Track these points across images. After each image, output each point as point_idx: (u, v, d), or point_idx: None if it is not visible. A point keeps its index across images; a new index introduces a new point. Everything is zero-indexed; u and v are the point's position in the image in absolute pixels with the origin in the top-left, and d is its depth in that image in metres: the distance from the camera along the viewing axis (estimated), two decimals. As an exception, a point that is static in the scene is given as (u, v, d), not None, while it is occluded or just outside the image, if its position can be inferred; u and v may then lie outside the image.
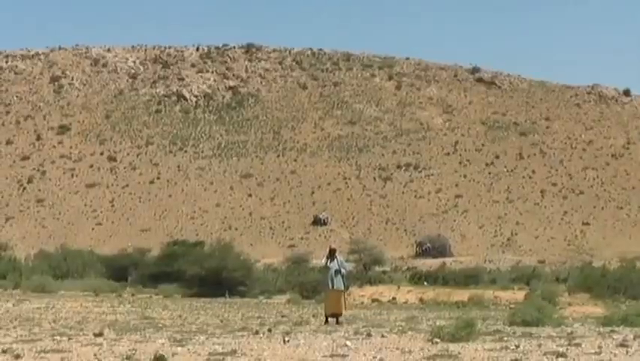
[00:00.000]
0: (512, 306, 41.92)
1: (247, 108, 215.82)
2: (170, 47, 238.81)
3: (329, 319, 32.01)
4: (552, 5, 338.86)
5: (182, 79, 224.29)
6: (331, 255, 33.28)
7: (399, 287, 65.19)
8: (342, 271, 33.04)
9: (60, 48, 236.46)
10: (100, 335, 26.04)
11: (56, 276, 65.01)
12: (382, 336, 26.11)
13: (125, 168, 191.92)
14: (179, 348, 22.35)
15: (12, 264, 71.88)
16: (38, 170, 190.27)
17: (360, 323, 31.82)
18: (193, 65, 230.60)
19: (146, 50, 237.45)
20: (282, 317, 36.26)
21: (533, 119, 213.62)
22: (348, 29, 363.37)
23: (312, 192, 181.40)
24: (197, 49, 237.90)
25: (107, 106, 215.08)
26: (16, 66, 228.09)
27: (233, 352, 21.45)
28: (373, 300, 55.80)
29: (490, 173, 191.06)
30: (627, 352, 21.80)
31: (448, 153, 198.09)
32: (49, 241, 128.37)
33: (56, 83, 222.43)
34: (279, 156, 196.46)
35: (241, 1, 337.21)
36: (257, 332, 27.43)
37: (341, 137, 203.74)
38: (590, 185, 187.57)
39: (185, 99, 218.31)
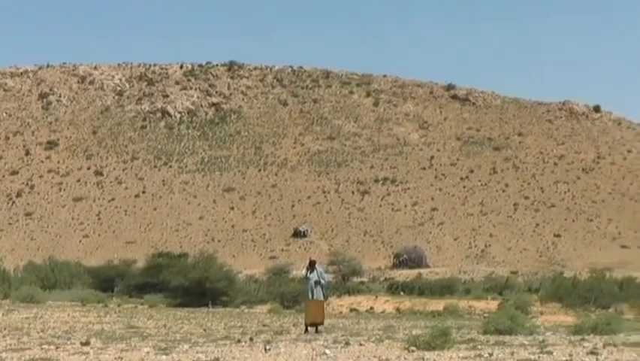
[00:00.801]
0: (486, 315, 41.99)
1: (229, 124, 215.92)
2: (154, 65, 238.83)
3: (309, 328, 32.01)
4: (524, 24, 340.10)
5: (167, 96, 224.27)
6: (311, 266, 33.33)
7: (376, 297, 65.29)
8: (322, 281, 33.08)
9: (48, 66, 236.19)
10: (87, 343, 26.01)
11: (44, 287, 64.82)
12: (360, 345, 26.13)
13: (111, 182, 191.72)
14: (163, 356, 22.35)
15: (1, 275, 71.57)
16: (27, 184, 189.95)
17: (339, 332, 31.83)
18: (177, 83, 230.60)
19: (131, 68, 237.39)
20: (264, 326, 36.25)
21: (506, 134, 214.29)
22: (327, 48, 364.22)
23: (293, 206, 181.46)
24: (181, 66, 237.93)
25: (93, 122, 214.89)
26: (6, 83, 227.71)
27: (216, 360, 21.47)
28: (352, 310, 55.83)
29: (464, 187, 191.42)
30: (597, 359, 21.88)
31: (424, 168, 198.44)
32: (38, 252, 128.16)
33: (44, 100, 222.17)
34: (260, 170, 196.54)
35: (224, 20, 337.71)
36: (239, 341, 27.43)
37: (320, 152, 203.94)
38: (561, 198, 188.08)
39: (170, 115, 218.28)
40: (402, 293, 71.77)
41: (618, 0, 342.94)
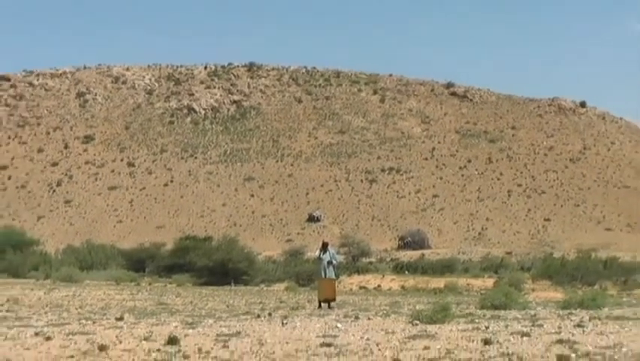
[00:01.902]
0: (483, 292, 41.91)
1: (249, 120, 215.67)
2: (181, 66, 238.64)
3: (322, 304, 32.00)
4: (517, 26, 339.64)
5: (192, 94, 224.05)
6: (324, 248, 33.33)
7: (383, 276, 65.26)
8: (334, 262, 33.08)
9: (85, 67, 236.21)
10: (121, 319, 26.03)
11: (82, 268, 64.87)
12: (369, 319, 26.11)
13: (142, 172, 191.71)
14: (190, 330, 22.35)
15: (43, 257, 71.68)
16: (66, 174, 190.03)
17: (349, 308, 31.81)
18: (202, 82, 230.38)
19: (160, 69, 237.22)
20: (281, 302, 36.22)
21: (501, 128, 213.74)
22: (337, 50, 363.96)
23: (307, 193, 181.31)
24: (206, 67, 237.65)
25: (126, 118, 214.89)
26: (46, 84, 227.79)
27: (238, 333, 21.45)
28: (361, 287, 55.80)
29: (463, 175, 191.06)
30: (583, 331, 21.82)
31: (426, 158, 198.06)
32: (76, 237, 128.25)
33: (81, 99, 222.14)
34: (277, 161, 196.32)
35: (244, 25, 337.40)
36: (258, 316, 27.42)
37: (332, 144, 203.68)
38: (550, 185, 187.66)
39: (195, 112, 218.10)
40: (406, 272, 71.71)
41: (600, 4, 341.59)
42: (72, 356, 17.42)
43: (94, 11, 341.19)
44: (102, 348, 18.42)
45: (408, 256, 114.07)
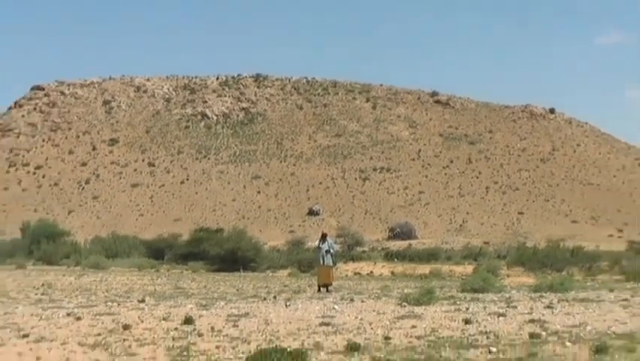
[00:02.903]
0: (463, 277, 41.91)
1: (256, 124, 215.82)
2: (196, 77, 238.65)
3: (321, 288, 32.02)
4: (493, 40, 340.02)
5: (206, 102, 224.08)
6: (323, 238, 33.37)
7: (375, 263, 65.21)
8: (332, 251, 33.10)
9: (110, 78, 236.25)
10: (142, 301, 26.05)
11: (108, 256, 64.82)
12: (362, 301, 26.13)
13: (161, 171, 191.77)
14: (204, 311, 22.36)
15: (74, 247, 71.62)
16: (94, 173, 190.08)
17: (345, 291, 31.82)
18: (214, 91, 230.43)
19: (177, 79, 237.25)
20: (284, 286, 36.24)
21: (479, 131, 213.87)
22: (334, 62, 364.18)
23: (307, 190, 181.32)
24: (217, 78, 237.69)
25: (147, 123, 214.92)
26: (76, 93, 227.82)
27: (246, 314, 21.47)
28: (355, 273, 55.75)
29: (445, 174, 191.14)
30: (553, 312, 21.86)
31: (413, 159, 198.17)
32: (102, 228, 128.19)
33: (107, 106, 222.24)
34: (281, 161, 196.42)
35: (251, 40, 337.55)
36: (265, 299, 27.45)
37: (329, 146, 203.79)
38: (523, 183, 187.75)
39: (208, 117, 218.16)
40: (395, 260, 71.66)
41: (569, 21, 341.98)
42: (99, 334, 17.44)
43: (118, 28, 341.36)
44: (126, 327, 18.45)
45: (397, 245, 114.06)
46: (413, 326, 18.60)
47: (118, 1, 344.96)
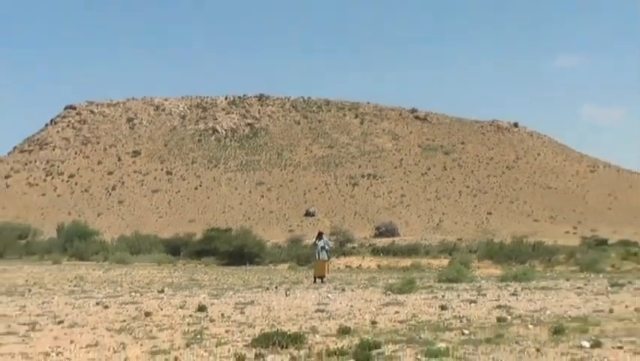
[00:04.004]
0: (440, 269, 41.93)
1: (260, 138, 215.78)
2: (207, 97, 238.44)
3: (316, 279, 32.05)
4: (464, 63, 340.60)
5: (216, 118, 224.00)
6: (319, 236, 33.49)
7: (363, 258, 65.14)
8: (326, 247, 33.15)
9: (133, 98, 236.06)
10: (162, 291, 26.06)
11: (132, 252, 64.85)
12: (352, 290, 26.17)
13: (177, 179, 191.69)
14: (215, 300, 22.38)
15: (102, 245, 71.65)
16: (119, 181, 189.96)
17: (338, 282, 31.85)
18: (223, 109, 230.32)
19: (191, 99, 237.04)
20: (285, 278, 36.26)
21: (453, 143, 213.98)
22: (327, 83, 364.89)
23: (304, 194, 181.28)
24: (226, 98, 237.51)
25: (165, 137, 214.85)
26: (104, 111, 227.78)
27: (252, 302, 21.49)
28: (346, 266, 55.72)
29: (424, 180, 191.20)
30: (517, 299, 21.92)
31: (396, 167, 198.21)
32: (127, 228, 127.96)
33: (131, 122, 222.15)
34: (281, 170, 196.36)
35: (255, 64, 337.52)
36: (267, 289, 27.47)
37: (323, 156, 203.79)
38: (491, 187, 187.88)
39: (218, 132, 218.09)
40: (381, 255, 71.53)
41: (530, 44, 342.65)
42: (124, 321, 17.45)
43: (139, 56, 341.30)
44: (147, 314, 18.45)
45: (382, 242, 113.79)
46: (396, 312, 18.62)
47: (139, 33, 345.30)
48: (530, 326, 15.75)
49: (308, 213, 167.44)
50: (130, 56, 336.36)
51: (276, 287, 28.19)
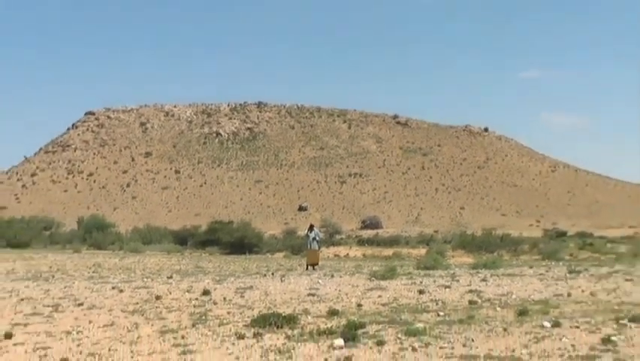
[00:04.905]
0: (418, 258, 41.99)
1: (259, 141, 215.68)
2: (211, 104, 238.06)
3: (308, 267, 32.06)
4: (441, 73, 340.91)
5: (219, 123, 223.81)
6: (311, 228, 33.46)
7: (350, 247, 65.15)
8: (317, 238, 33.15)
9: (145, 105, 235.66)
10: (170, 277, 26.05)
11: (144, 242, 64.73)
12: (340, 277, 26.19)
13: (185, 177, 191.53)
14: (218, 285, 22.39)
15: (117, 236, 71.54)
16: (133, 179, 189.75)
17: (327, 269, 31.87)
18: (225, 115, 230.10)
19: (197, 106, 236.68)
20: (280, 265, 36.27)
21: (430, 145, 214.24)
22: (318, 92, 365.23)
23: (298, 191, 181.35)
24: (228, 105, 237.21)
25: (173, 140, 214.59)
26: (119, 117, 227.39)
27: (251, 287, 21.51)
28: (335, 255, 55.73)
29: (405, 178, 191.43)
30: (486, 284, 21.98)
31: (380, 167, 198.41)
32: (140, 221, 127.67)
33: (143, 127, 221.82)
34: (277, 169, 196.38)
35: (254, 75, 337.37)
36: (265, 275, 27.48)
37: (315, 157, 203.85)
38: (464, 185, 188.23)
39: (221, 135, 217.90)
40: (366, 245, 71.59)
41: (499, 57, 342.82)
42: (137, 303, 17.45)
43: (150, 66, 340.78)
44: (157, 297, 18.46)
45: (367, 233, 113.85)
46: (379, 296, 18.66)
47: (151, 48, 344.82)
48: (498, 309, 15.81)
49: (301, 208, 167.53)
50: (143, 68, 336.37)
51: (273, 274, 28.20)
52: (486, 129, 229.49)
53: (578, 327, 13.12)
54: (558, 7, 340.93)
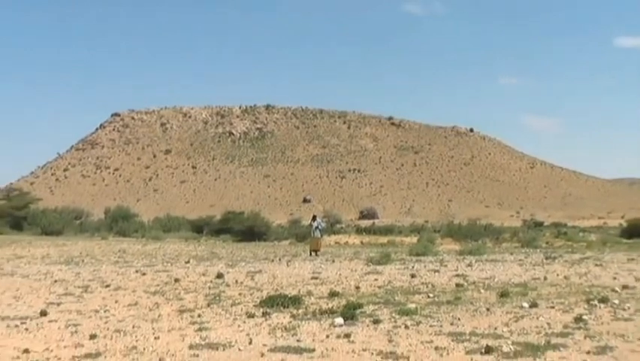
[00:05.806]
0: (410, 245, 41.96)
1: (267, 139, 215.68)
2: (225, 106, 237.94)
3: (312, 253, 32.06)
4: (431, 78, 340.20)
5: (232, 123, 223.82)
6: (314, 218, 33.41)
7: (349, 236, 65.05)
8: (320, 227, 33.12)
9: (165, 108, 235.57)
10: (188, 262, 26.07)
11: (164, 231, 64.66)
12: (340, 262, 26.19)
13: (201, 172, 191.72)
14: (230, 269, 22.40)
15: (140, 225, 71.41)
16: (154, 174, 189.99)
17: (329, 255, 31.86)
18: (237, 116, 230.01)
19: (212, 108, 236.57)
20: (286, 252, 36.28)
21: (422, 144, 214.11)
22: (321, 95, 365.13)
23: (303, 185, 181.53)
24: (240, 107, 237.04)
25: (191, 139, 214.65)
26: (142, 118, 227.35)
27: (260, 271, 21.52)
28: (335, 243, 55.68)
29: (399, 174, 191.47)
30: (471, 269, 21.97)
31: (376, 163, 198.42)
32: (160, 212, 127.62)
33: (163, 127, 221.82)
34: (284, 165, 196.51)
35: (264, 80, 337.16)
36: (272, 260, 27.49)
37: (318, 155, 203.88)
38: (452, 180, 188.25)
39: (234, 135, 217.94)
40: (364, 233, 71.48)
41: (478, 63, 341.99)
42: (158, 285, 17.49)
43: (171, 73, 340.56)
44: (176, 280, 18.49)
45: (365, 223, 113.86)
46: (375, 279, 18.68)
47: (171, 55, 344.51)
48: (482, 291, 15.82)
49: (305, 200, 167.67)
50: (163, 74, 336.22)
51: (280, 259, 28.21)
52: (471, 130, 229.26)
53: (553, 307, 13.15)
54: (544, 23, 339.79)
